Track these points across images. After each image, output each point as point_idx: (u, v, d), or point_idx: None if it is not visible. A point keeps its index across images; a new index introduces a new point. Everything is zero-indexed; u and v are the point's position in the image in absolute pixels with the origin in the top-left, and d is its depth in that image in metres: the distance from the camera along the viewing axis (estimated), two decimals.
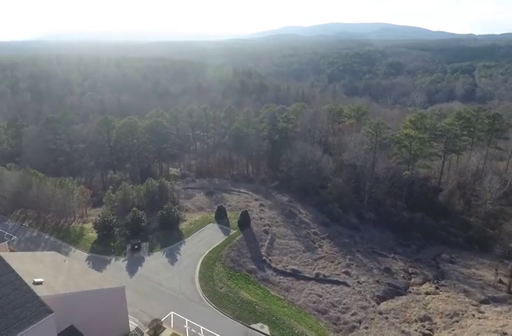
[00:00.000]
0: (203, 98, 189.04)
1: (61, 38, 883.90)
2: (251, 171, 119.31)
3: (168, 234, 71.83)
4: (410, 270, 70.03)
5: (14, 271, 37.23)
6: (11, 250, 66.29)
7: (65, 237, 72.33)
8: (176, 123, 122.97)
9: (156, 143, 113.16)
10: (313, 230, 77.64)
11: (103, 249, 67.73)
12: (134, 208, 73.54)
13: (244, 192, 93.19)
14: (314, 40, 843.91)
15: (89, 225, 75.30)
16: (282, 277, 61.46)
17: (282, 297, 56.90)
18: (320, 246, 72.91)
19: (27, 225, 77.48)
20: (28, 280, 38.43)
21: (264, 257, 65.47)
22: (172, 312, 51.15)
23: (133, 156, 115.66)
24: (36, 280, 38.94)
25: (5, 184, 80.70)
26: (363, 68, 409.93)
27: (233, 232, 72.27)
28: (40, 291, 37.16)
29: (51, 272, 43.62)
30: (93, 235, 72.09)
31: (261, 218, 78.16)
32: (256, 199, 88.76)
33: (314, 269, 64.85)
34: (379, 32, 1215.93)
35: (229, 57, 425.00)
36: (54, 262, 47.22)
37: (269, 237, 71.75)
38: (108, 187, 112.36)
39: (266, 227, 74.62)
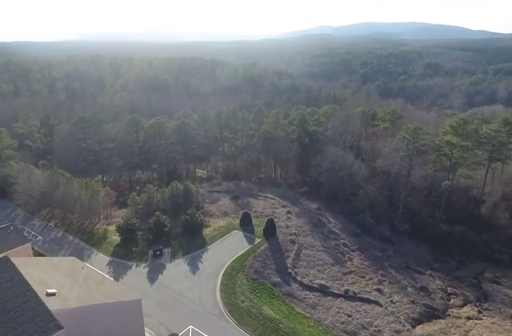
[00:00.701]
0: (233, 99, 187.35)
1: (98, 39, 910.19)
2: (279, 174, 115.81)
3: (191, 240, 69.52)
4: (448, 290, 64.32)
5: (26, 281, 35.57)
6: (35, 252, 66.24)
7: (88, 239, 71.49)
8: (204, 124, 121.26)
9: (183, 145, 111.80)
10: (342, 241, 73.20)
11: (124, 254, 66.20)
12: (157, 213, 71.76)
13: (271, 198, 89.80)
14: (346, 40, 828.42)
15: (113, 228, 74.20)
16: (308, 292, 57.61)
17: (308, 315, 53.06)
18: (350, 259, 68.41)
19: (53, 225, 77.45)
20: (41, 290, 36.81)
21: (289, 270, 61.83)
22: (191, 326, 48.45)
23: (161, 157, 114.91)
24: (49, 291, 37.25)
25: (33, 183, 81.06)
26: (398, 69, 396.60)
27: (258, 240, 69.02)
28: (52, 304, 35.33)
29: (66, 281, 41.90)
30: (116, 238, 70.85)
31: (287, 227, 74.50)
32: (283, 206, 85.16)
33: (343, 285, 60.58)
34: (415, 32, 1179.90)
35: (260, 57, 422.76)
36: (72, 270, 45.58)
37: (296, 248, 67.99)
38: (135, 188, 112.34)
39: (293, 237, 70.87)
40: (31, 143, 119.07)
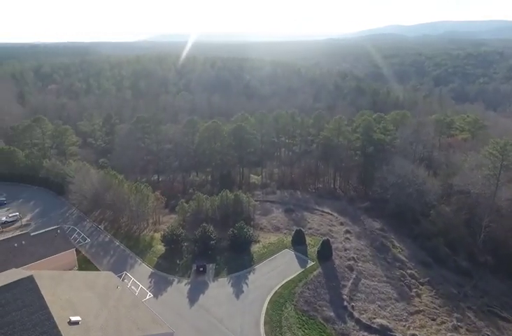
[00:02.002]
0: (293, 101, 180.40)
1: (167, 39, 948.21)
2: (338, 185, 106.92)
3: (237, 257, 64.11)
4: None
5: (47, 308, 31.96)
6: (81, 256, 64.98)
7: (134, 246, 68.98)
8: (261, 128, 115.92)
9: (238, 149, 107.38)
10: (409, 271, 63.39)
11: (168, 266, 62.47)
12: (204, 224, 67.32)
13: (328, 213, 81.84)
14: (418, 40, 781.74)
15: (160, 235, 71.28)
16: (366, 334, 49.33)
17: None
18: (418, 295, 58.62)
19: (102, 228, 76.42)
20: (65, 316, 33.14)
21: (345, 303, 53.92)
22: None
23: (215, 160, 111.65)
24: (73, 319, 33.46)
25: (86, 183, 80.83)
26: (476, 71, 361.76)
27: (310, 263, 61.75)
28: (72, 335, 31.31)
29: (96, 304, 38.15)
30: (161, 248, 67.59)
31: (345, 249, 66.27)
32: (341, 223, 76.84)
33: (409, 328, 51.39)
34: (494, 31, 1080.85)
35: (323, 58, 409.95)
36: (106, 288, 42.01)
37: (354, 276, 59.69)
38: (188, 190, 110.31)
39: (351, 262, 62.57)
40: (93, 141, 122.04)
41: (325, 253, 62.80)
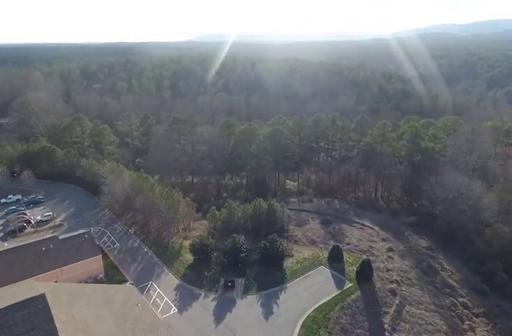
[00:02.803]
0: (334, 103, 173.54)
1: (211, 39, 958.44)
2: (380, 195, 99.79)
3: (268, 272, 59.83)
4: None
5: (56, 332, 29.17)
6: (108, 262, 63.34)
7: (162, 254, 66.49)
8: (299, 132, 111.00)
9: (274, 153, 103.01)
10: (461, 300, 56.36)
11: (195, 278, 59.31)
12: (234, 235, 63.56)
13: (368, 226, 75.64)
14: (470, 40, 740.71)
15: (189, 243, 68.52)
16: None
17: None
18: (472, 329, 51.67)
19: (132, 232, 74.75)
20: None
21: (386, 333, 48.22)
22: None
23: (250, 164, 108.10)
24: None
25: (118, 186, 79.56)
26: None
27: (348, 284, 56.29)
28: None
29: (112, 325, 35.30)
30: (189, 257, 64.66)
31: (387, 270, 60.15)
32: (383, 239, 70.50)
33: None
34: None
35: (368, 58, 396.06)
36: (125, 306, 39.18)
37: (397, 302, 53.65)
38: (221, 194, 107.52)
39: (394, 286, 56.46)
40: (130, 141, 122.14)
41: (365, 273, 57.12)
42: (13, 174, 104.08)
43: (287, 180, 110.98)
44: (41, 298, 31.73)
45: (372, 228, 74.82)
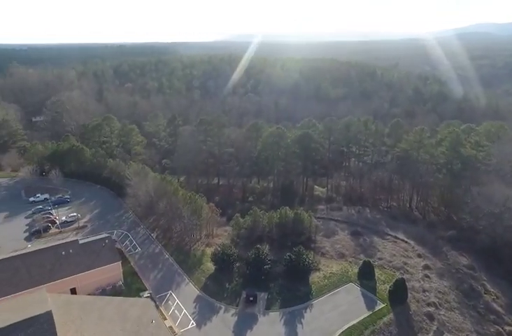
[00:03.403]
0: (366, 105, 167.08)
1: (243, 39, 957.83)
2: (415, 205, 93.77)
3: (293, 287, 56.18)
4: None
5: None
6: (128, 268, 61.64)
7: (183, 262, 64.16)
8: (329, 136, 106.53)
9: (303, 158, 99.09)
10: (508, 329, 50.69)
11: (215, 289, 56.50)
12: (258, 246, 60.26)
13: (402, 240, 70.53)
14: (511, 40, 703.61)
15: (211, 251, 65.95)
16: None
17: None
18: None
19: (154, 237, 72.96)
20: None
21: None
22: None
23: (277, 168, 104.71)
24: None
25: (142, 189, 78.03)
26: None
27: (380, 305, 51.81)
28: None
29: None
30: (210, 266, 61.97)
31: (424, 291, 55.17)
32: (419, 255, 65.28)
33: None
34: None
35: (402, 59, 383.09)
36: (138, 324, 36.85)
37: (434, 328, 48.78)
38: (247, 198, 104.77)
39: (431, 309, 51.53)
40: (157, 142, 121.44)
41: (399, 294, 52.44)
42: (42, 173, 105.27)
43: (316, 186, 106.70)
44: (47, 316, 29.69)
45: (406, 242, 69.66)
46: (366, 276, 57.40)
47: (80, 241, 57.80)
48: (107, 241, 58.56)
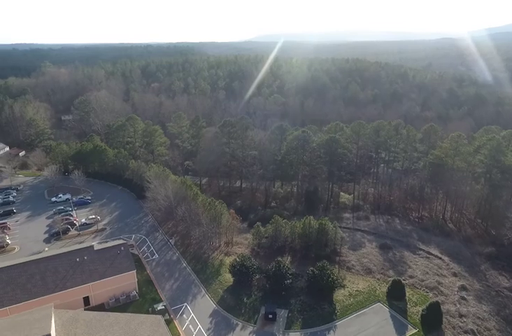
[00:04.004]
0: (397, 108, 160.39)
1: (270, 39, 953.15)
2: (449, 216, 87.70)
3: (316, 304, 52.38)
4: None
5: None
6: (144, 276, 59.55)
7: (201, 271, 61.52)
8: (358, 140, 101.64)
9: (329, 163, 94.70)
10: None
11: (233, 304, 53.45)
12: (279, 259, 56.81)
13: (436, 256, 65.29)
14: None
15: (231, 260, 63.05)
16: None
17: None
18: None
19: (172, 243, 70.73)
20: None
21: None
22: None
23: (302, 173, 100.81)
24: None
25: (161, 192, 76.01)
26: None
27: (411, 331, 47.29)
28: None
29: None
30: (229, 278, 58.99)
31: (460, 316, 50.13)
32: (454, 274, 60.03)
33: None
34: None
35: (436, 59, 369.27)
36: None
37: None
38: (270, 203, 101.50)
39: None
40: (180, 143, 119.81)
41: (433, 318, 47.69)
42: (65, 173, 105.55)
43: (342, 193, 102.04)
44: None
45: (440, 258, 64.45)
46: (395, 296, 52.91)
47: (95, 248, 56.05)
48: (122, 248, 56.55)
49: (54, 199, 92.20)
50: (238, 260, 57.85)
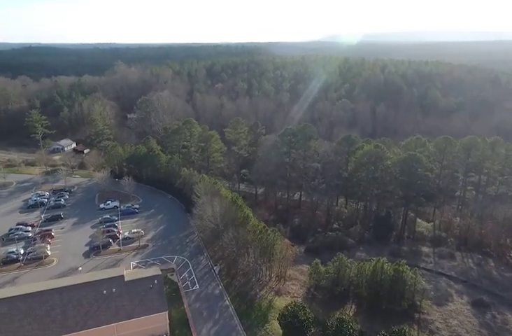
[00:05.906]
0: (487, 118, 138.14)
1: (340, 39, 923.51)
2: None
3: None
4: None
5: None
6: (179, 313, 51.12)
7: (245, 314, 51.65)
8: (442, 158, 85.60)
9: (405, 186, 79.97)
10: None
11: None
12: (342, 316, 44.92)
13: None
14: None
15: (281, 302, 52.59)
16: None
17: None
18: None
19: (217, 272, 61.78)
20: None
21: None
22: None
23: (371, 194, 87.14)
24: None
25: (207, 211, 67.40)
26: None
27: None
28: None
29: None
30: (277, 329, 48.45)
31: None
32: None
33: None
34: None
35: None
36: None
37: None
38: (331, 224, 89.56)
39: None
40: (237, 150, 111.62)
41: None
42: (117, 177, 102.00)
43: (419, 220, 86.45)
44: None
45: None
46: None
47: (126, 278, 48.45)
48: (156, 281, 48.36)
49: (102, 205, 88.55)
50: (290, 309, 46.95)
